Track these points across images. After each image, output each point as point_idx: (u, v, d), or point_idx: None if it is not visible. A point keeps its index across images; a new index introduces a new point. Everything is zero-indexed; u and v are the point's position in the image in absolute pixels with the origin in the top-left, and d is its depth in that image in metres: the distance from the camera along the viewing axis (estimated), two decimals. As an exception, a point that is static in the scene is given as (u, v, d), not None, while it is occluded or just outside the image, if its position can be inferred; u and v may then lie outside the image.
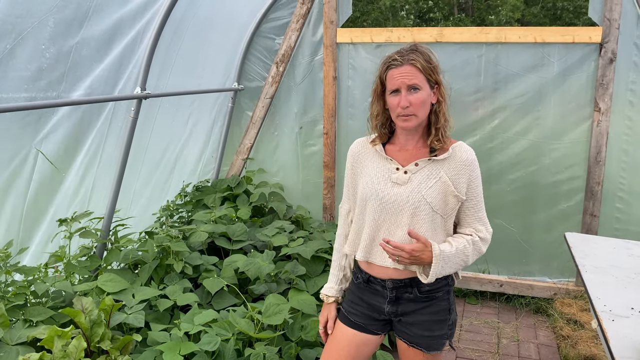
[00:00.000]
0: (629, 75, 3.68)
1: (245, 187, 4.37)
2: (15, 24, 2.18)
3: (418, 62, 1.73)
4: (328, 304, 2.08)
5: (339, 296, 2.08)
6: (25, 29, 2.23)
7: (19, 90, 2.33)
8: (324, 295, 2.08)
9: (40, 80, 2.44)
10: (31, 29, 2.27)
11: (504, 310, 4.03)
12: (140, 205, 3.64)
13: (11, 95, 2.28)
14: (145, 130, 3.44)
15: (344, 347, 1.96)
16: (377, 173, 1.87)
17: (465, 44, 3.94)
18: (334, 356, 1.97)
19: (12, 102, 2.29)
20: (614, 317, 1.98)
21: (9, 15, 2.14)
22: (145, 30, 2.99)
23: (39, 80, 2.43)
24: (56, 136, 2.70)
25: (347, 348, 1.95)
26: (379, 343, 2.01)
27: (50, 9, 2.32)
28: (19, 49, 2.25)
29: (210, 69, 4.08)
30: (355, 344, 1.95)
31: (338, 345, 1.97)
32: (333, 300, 2.07)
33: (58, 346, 2.06)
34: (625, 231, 3.82)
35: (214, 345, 2.34)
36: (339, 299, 2.08)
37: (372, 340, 1.96)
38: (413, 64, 1.73)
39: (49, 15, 2.33)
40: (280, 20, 4.35)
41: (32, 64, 2.35)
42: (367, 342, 1.96)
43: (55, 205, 2.85)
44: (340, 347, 1.97)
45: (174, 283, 2.93)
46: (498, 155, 4.02)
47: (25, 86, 2.36)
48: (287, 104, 4.48)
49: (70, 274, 2.74)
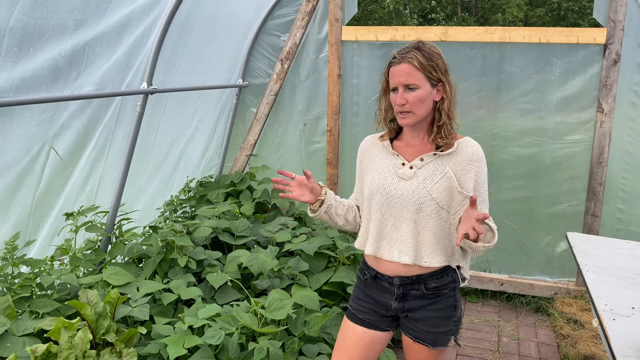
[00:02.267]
0: (633, 77, 3.69)
1: (248, 183, 4.40)
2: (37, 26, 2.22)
3: (416, 60, 1.74)
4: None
5: (325, 197, 1.97)
6: (47, 30, 2.26)
7: (38, 91, 2.38)
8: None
9: (59, 79, 2.47)
10: (52, 30, 2.30)
11: (505, 309, 4.05)
12: (145, 200, 3.66)
13: (30, 97, 2.32)
14: (152, 126, 3.47)
15: (355, 345, 1.96)
16: (383, 168, 1.90)
17: (470, 44, 3.95)
18: (346, 355, 1.96)
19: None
20: (615, 316, 2.00)
21: (30, 17, 2.18)
22: (152, 26, 3.01)
23: (58, 79, 2.47)
24: (67, 132, 2.73)
25: (358, 347, 1.95)
26: (389, 339, 2.01)
27: (71, 10, 2.35)
28: (40, 50, 2.29)
29: (216, 65, 4.10)
30: (366, 341, 1.96)
31: (349, 344, 1.97)
32: (323, 191, 1.98)
33: (65, 337, 2.08)
34: (627, 232, 3.84)
35: (218, 339, 2.36)
36: (323, 197, 1.97)
37: (381, 336, 1.97)
38: (410, 62, 1.74)
39: (70, 17, 2.36)
40: (285, 18, 4.37)
41: (49, 62, 2.38)
42: (377, 339, 1.97)
43: (63, 199, 2.88)
44: (351, 345, 1.96)
45: (178, 277, 2.95)
46: (501, 154, 4.03)
47: (43, 85, 2.40)
48: (292, 101, 4.50)
49: (76, 266, 2.76)
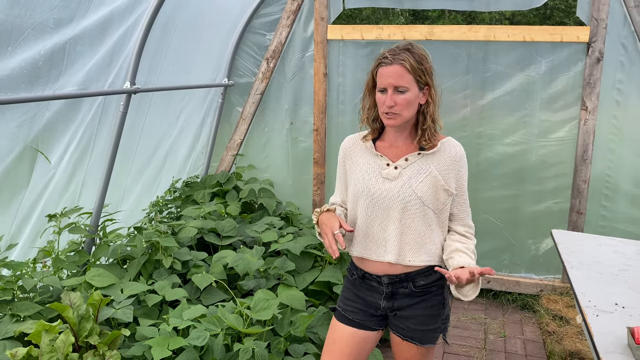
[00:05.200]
0: (616, 75, 3.72)
1: (234, 183, 4.37)
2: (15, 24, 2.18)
3: (407, 63, 1.74)
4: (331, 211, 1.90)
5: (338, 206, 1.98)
6: (26, 29, 2.23)
7: (17, 90, 2.34)
8: (324, 207, 1.91)
9: (39, 78, 2.44)
10: (31, 29, 2.27)
11: (491, 307, 4.07)
12: (130, 201, 3.63)
13: (10, 96, 2.28)
14: (136, 126, 3.44)
15: (345, 346, 1.95)
16: (368, 169, 1.89)
17: (455, 42, 3.96)
18: (336, 357, 1.95)
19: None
20: (599, 313, 2.01)
21: (8, 15, 2.14)
22: (135, 25, 2.98)
23: (38, 78, 2.43)
24: (49, 132, 2.69)
25: (348, 347, 1.94)
26: (378, 339, 2.01)
27: (50, 8, 2.32)
28: (18, 49, 2.25)
29: (201, 64, 4.07)
30: (356, 341, 1.95)
31: (339, 345, 1.96)
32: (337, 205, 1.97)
33: (45, 341, 2.05)
34: (611, 228, 3.87)
35: (203, 340, 2.34)
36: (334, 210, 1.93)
37: (371, 336, 1.97)
38: (402, 64, 1.74)
39: (49, 16, 2.32)
40: (271, 16, 4.35)
41: (28, 62, 2.35)
42: (367, 338, 1.96)
43: (45, 200, 2.84)
44: (341, 346, 1.95)
45: (163, 278, 2.92)
46: (486, 152, 4.05)
47: (22, 85, 2.36)
48: (278, 100, 4.48)
49: (59, 269, 2.73)
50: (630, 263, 2.54)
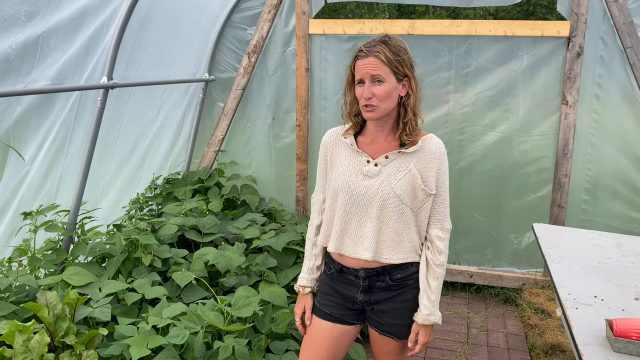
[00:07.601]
0: (596, 69, 3.75)
1: (216, 179, 4.33)
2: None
3: (382, 54, 1.72)
4: (304, 295, 2.03)
5: (314, 286, 2.03)
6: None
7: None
8: (299, 287, 2.03)
9: (10, 72, 2.37)
10: (1, 22, 2.20)
11: (474, 301, 4.09)
12: (110, 198, 3.57)
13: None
14: (114, 122, 3.38)
15: (323, 341, 1.94)
16: (348, 165, 1.87)
17: (437, 37, 3.95)
18: (314, 352, 1.94)
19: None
20: (578, 305, 2.02)
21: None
22: (111, 18, 2.93)
23: (9, 72, 2.36)
24: (21, 128, 2.63)
25: (326, 343, 1.94)
26: (357, 333, 2.00)
27: (21, 1, 2.26)
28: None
29: (181, 59, 4.01)
30: (334, 336, 1.94)
31: (317, 340, 1.95)
32: (309, 290, 2.02)
33: (19, 341, 2.01)
34: (591, 222, 3.91)
35: (182, 339, 2.31)
36: (314, 289, 2.04)
37: (349, 330, 1.96)
38: (377, 55, 1.73)
39: (20, 9, 2.26)
40: (251, 10, 4.30)
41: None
42: (345, 333, 1.95)
43: (20, 197, 2.78)
44: (319, 341, 1.94)
45: (143, 276, 2.88)
46: (468, 148, 4.06)
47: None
48: (260, 95, 4.44)
49: (35, 268, 2.67)
50: (610, 256, 2.56)
